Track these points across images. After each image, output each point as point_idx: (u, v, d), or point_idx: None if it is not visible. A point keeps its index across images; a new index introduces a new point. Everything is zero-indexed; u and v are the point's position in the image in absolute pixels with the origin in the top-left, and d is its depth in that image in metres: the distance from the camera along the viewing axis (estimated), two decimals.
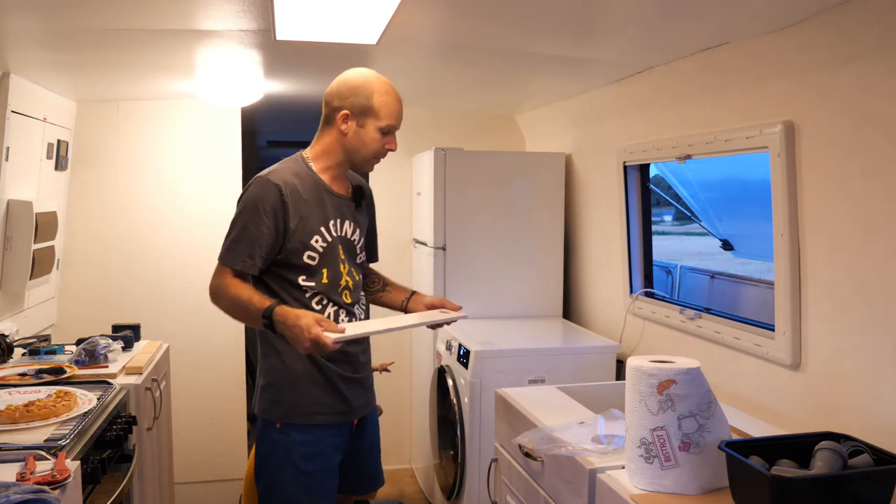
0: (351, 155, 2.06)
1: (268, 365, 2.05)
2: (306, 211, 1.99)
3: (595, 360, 3.01)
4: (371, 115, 2.01)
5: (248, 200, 1.96)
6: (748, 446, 1.50)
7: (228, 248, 1.95)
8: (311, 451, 2.00)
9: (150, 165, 3.75)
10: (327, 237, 2.03)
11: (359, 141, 2.03)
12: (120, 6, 2.00)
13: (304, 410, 2.00)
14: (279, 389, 2.01)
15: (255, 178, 2.00)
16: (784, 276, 2.05)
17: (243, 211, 1.96)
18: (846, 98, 1.83)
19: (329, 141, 2.06)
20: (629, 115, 3.00)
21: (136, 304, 3.69)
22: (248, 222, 1.94)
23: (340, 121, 2.01)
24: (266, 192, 1.95)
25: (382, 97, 2.01)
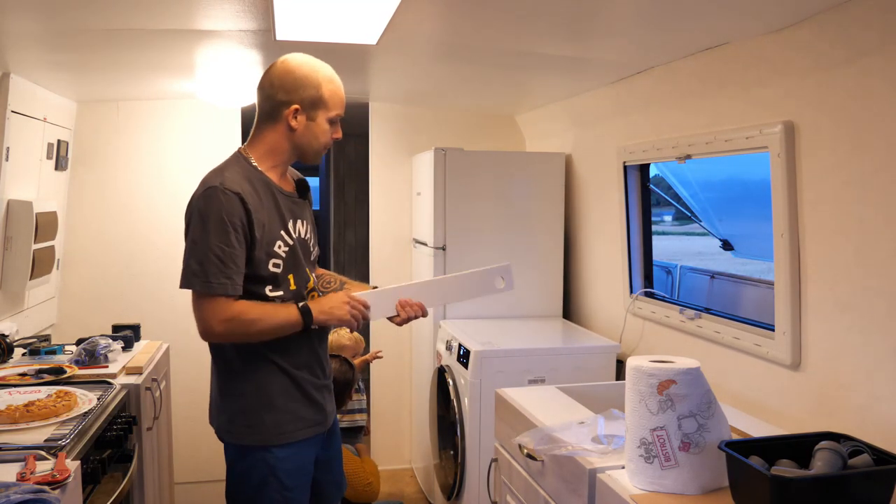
0: (301, 150, 1.91)
1: (236, 388, 1.89)
2: (265, 217, 1.84)
3: (595, 360, 3.01)
4: (321, 107, 1.87)
5: (211, 214, 1.76)
6: (748, 446, 1.50)
7: (203, 274, 1.75)
8: (293, 467, 1.90)
9: (150, 165, 3.75)
10: (288, 241, 1.89)
11: (310, 134, 1.89)
12: (120, 6, 2.00)
13: (285, 429, 1.88)
14: (255, 412, 1.87)
15: (209, 189, 1.79)
16: (784, 276, 2.05)
17: (207, 229, 1.76)
18: (846, 98, 1.83)
19: (275, 138, 1.89)
20: (629, 115, 3.00)
21: (136, 304, 3.69)
22: (217, 240, 1.75)
23: (290, 116, 1.86)
24: (228, 204, 1.76)
25: (330, 86, 1.88)
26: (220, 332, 1.81)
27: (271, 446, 1.87)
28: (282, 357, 1.88)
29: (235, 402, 1.89)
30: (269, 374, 1.88)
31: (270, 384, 1.88)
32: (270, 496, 1.87)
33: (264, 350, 1.86)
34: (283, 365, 1.89)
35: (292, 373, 1.90)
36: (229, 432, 1.91)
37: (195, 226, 1.79)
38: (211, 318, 1.79)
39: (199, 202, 1.80)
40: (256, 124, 1.94)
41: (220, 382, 1.93)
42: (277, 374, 1.88)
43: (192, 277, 1.77)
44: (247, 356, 1.86)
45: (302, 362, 1.92)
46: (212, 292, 1.77)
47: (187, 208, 1.85)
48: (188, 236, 1.81)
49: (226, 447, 1.94)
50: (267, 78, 1.90)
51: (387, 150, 4.12)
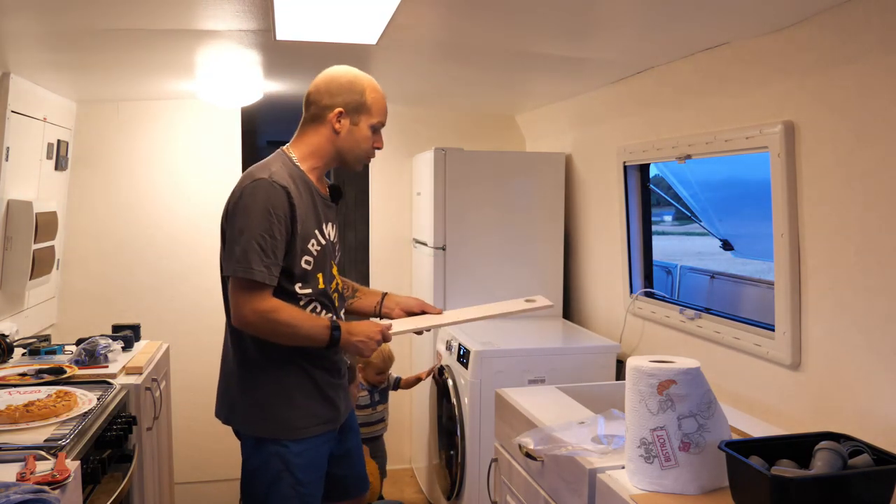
0: (343, 154, 1.99)
1: (254, 380, 1.94)
2: (304, 214, 1.90)
3: (595, 360, 3.01)
4: (365, 112, 1.96)
5: (258, 205, 1.82)
6: (748, 446, 1.50)
7: (245, 260, 1.80)
8: (307, 462, 1.95)
9: (150, 165, 3.75)
10: (321, 240, 1.96)
11: (353, 140, 1.97)
12: (120, 6, 1.99)
13: (299, 424, 1.93)
14: (271, 407, 1.92)
15: (258, 181, 1.85)
16: (784, 276, 2.05)
17: (254, 217, 1.82)
18: (846, 98, 1.83)
19: (319, 140, 1.97)
20: (629, 115, 3.00)
21: (136, 304, 3.70)
22: (262, 229, 1.81)
23: (334, 119, 1.94)
24: (275, 196, 1.83)
25: (374, 94, 1.98)
26: (251, 321, 1.84)
27: (286, 440, 1.92)
28: (301, 355, 1.94)
29: (254, 394, 1.94)
30: (289, 370, 1.93)
31: (289, 380, 1.93)
32: (284, 491, 1.92)
33: (285, 347, 1.91)
34: (302, 363, 1.94)
35: (310, 371, 1.95)
36: (246, 424, 1.97)
37: (241, 215, 1.84)
38: (245, 305, 1.83)
39: (247, 193, 1.86)
40: (300, 127, 2.02)
41: (240, 375, 1.96)
42: (296, 371, 1.94)
43: (235, 264, 1.82)
44: (268, 351, 1.91)
45: (319, 362, 1.97)
46: (251, 278, 1.80)
47: (232, 199, 1.90)
48: (234, 225, 1.85)
49: (242, 440, 2.01)
50: (313, 86, 1.99)
51: (387, 150, 4.07)
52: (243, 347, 1.94)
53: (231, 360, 1.98)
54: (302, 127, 2.01)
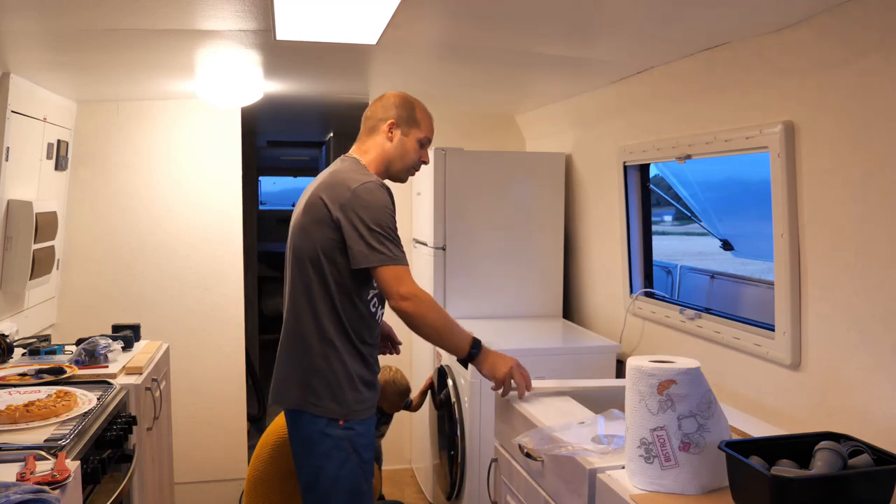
0: (392, 163, 2.19)
1: (330, 366, 2.09)
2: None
3: (595, 360, 3.01)
4: (415, 126, 2.19)
5: (382, 206, 2.04)
6: (748, 446, 1.50)
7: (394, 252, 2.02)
8: (366, 441, 2.14)
9: (150, 165, 3.75)
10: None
11: (402, 150, 2.18)
12: (120, 6, 1.99)
13: (360, 407, 2.11)
14: (340, 389, 2.09)
15: (369, 183, 2.05)
16: (784, 276, 2.05)
17: (383, 216, 2.03)
18: (846, 98, 1.83)
19: (373, 147, 2.19)
20: (629, 115, 3.00)
21: (136, 304, 3.70)
22: (392, 225, 2.05)
23: (387, 129, 2.17)
24: (387, 196, 2.07)
25: (423, 112, 2.23)
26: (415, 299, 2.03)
27: (350, 422, 2.09)
28: (361, 344, 2.13)
29: (327, 378, 2.09)
30: (355, 358, 2.11)
31: (354, 365, 2.11)
32: (353, 471, 2.10)
33: (354, 338, 2.11)
34: (363, 351, 2.13)
35: (368, 359, 2.16)
36: (316, 405, 2.09)
37: (367, 215, 2.02)
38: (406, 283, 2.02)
39: (366, 192, 2.04)
40: (359, 139, 2.23)
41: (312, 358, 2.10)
42: (359, 359, 2.12)
43: (380, 255, 2.02)
44: (341, 337, 2.09)
45: (372, 353, 2.19)
46: (402, 263, 2.04)
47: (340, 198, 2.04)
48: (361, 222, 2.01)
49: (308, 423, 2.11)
50: (372, 105, 2.24)
51: None
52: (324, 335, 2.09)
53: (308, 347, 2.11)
54: (360, 139, 2.23)
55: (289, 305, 2.16)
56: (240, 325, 3.88)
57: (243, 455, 3.90)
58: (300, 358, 2.12)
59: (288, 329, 2.16)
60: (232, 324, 3.86)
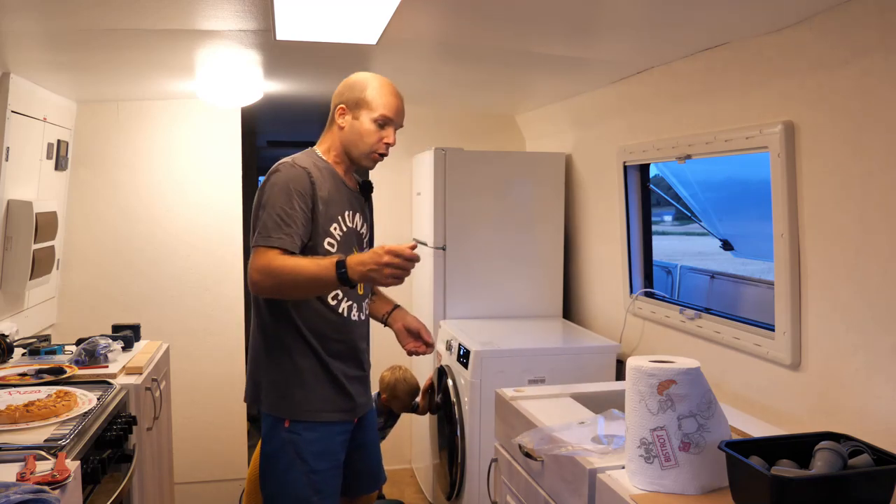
0: (349, 149, 2.08)
1: (273, 362, 2.04)
2: (327, 196, 2.01)
3: (595, 360, 3.01)
4: (364, 107, 2.04)
5: (278, 183, 1.95)
6: (748, 446, 1.50)
7: (265, 230, 1.90)
8: (320, 449, 2.01)
9: (150, 165, 3.75)
10: (343, 227, 2.06)
11: (355, 134, 2.06)
12: (120, 6, 1.99)
13: (312, 407, 2.01)
14: (287, 386, 2.01)
15: (280, 164, 2.00)
16: (784, 276, 2.05)
17: (273, 193, 1.94)
18: (846, 98, 1.83)
19: (331, 137, 2.11)
20: (629, 115, 3.00)
21: (136, 304, 3.70)
22: (281, 203, 1.92)
23: (338, 115, 2.07)
24: (295, 175, 1.96)
25: (377, 89, 2.05)
26: (256, 280, 1.87)
27: (297, 424, 1.99)
28: (318, 341, 2.02)
29: (272, 375, 2.03)
30: (303, 354, 2.01)
31: (302, 363, 2.01)
32: (298, 479, 1.99)
33: (303, 331, 2.00)
34: (318, 350, 2.02)
35: (325, 359, 2.03)
36: (263, 402, 2.04)
37: (266, 195, 1.95)
38: (251, 267, 1.89)
39: (271, 175, 1.98)
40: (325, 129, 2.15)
41: (260, 355, 2.06)
42: (311, 356, 2.02)
43: (257, 237, 1.92)
44: (285, 334, 2.01)
45: (336, 352, 2.05)
46: (262, 243, 1.89)
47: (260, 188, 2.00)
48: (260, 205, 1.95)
49: (263, 418, 2.07)
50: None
51: None
52: (265, 330, 2.04)
53: (256, 344, 2.08)
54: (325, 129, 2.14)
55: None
56: (240, 325, 3.88)
57: (243, 455, 3.90)
58: (254, 355, 2.09)
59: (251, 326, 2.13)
60: (232, 324, 3.86)
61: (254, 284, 1.90)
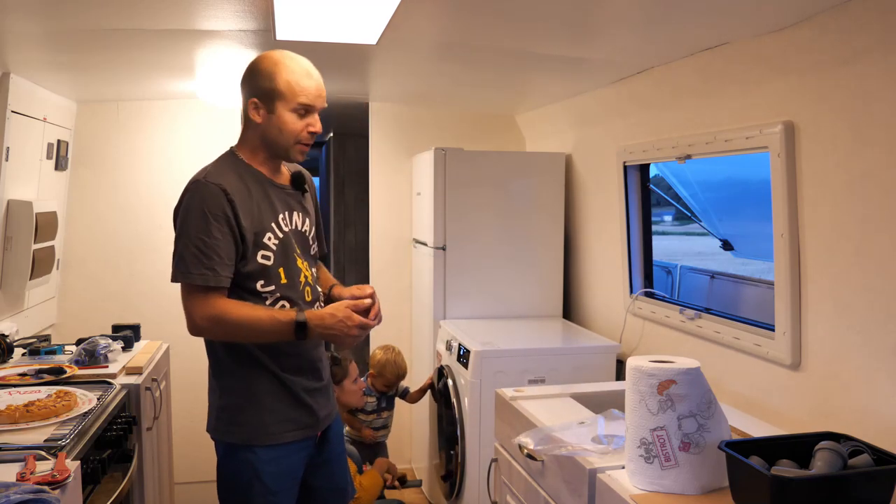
0: (272, 145, 1.87)
1: (224, 384, 1.88)
2: (254, 208, 1.82)
3: (595, 360, 3.01)
4: (278, 98, 1.82)
5: (192, 208, 1.76)
6: (748, 446, 1.50)
7: (182, 264, 1.74)
8: (279, 470, 1.86)
9: (150, 165, 3.75)
10: (279, 233, 1.87)
11: (274, 128, 1.84)
12: (120, 6, 2.00)
13: (270, 430, 1.85)
14: (240, 410, 1.85)
15: (193, 183, 1.79)
16: (784, 276, 2.05)
17: (188, 220, 1.76)
18: (846, 98, 1.83)
19: (250, 134, 1.89)
20: (629, 115, 3.00)
21: (136, 304, 3.69)
22: (197, 232, 1.74)
23: (251, 110, 1.84)
24: (209, 195, 1.76)
25: (288, 76, 1.81)
26: (203, 327, 1.78)
27: (255, 446, 1.84)
28: (272, 360, 1.86)
29: (223, 398, 1.89)
30: (258, 374, 1.86)
31: (258, 384, 1.86)
32: (255, 500, 1.85)
33: (255, 351, 1.85)
34: (273, 368, 1.86)
35: (282, 376, 1.88)
36: (216, 429, 1.90)
37: (180, 220, 1.79)
38: (194, 312, 1.76)
39: (183, 197, 1.81)
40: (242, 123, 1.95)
41: (211, 379, 1.93)
42: (266, 375, 1.86)
43: (175, 270, 1.77)
44: (236, 355, 1.86)
45: (293, 367, 1.90)
46: (192, 282, 1.74)
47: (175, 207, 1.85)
48: (176, 231, 1.81)
49: (216, 445, 1.93)
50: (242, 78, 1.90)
51: (387, 150, 4.12)
52: (214, 352, 1.90)
53: (209, 369, 1.94)
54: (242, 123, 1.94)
55: None
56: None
57: None
58: (209, 380, 1.95)
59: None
60: None
61: (198, 330, 1.77)
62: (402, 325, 4.08)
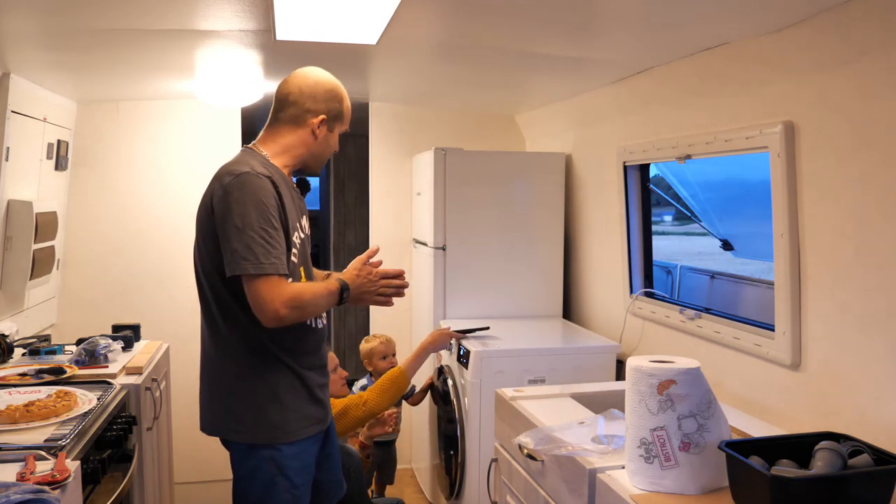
0: (313, 157, 1.99)
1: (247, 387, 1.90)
2: (290, 205, 1.89)
3: (595, 360, 3.01)
4: (340, 122, 2.00)
5: (250, 198, 1.78)
6: (748, 446, 1.50)
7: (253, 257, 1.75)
8: (300, 464, 1.92)
9: (150, 165, 3.75)
10: (301, 234, 1.95)
11: (326, 145, 1.99)
12: (120, 6, 2.00)
13: (292, 428, 1.90)
14: (264, 411, 1.88)
15: (240, 175, 1.80)
16: (784, 276, 2.05)
17: (248, 211, 1.77)
18: (846, 98, 1.83)
19: (294, 141, 1.95)
20: (629, 115, 3.00)
21: (136, 304, 3.69)
22: (262, 223, 1.78)
23: (316, 125, 1.94)
24: (264, 187, 1.80)
25: (348, 103, 2.01)
26: (284, 314, 1.78)
27: (280, 444, 1.88)
28: (293, 358, 1.92)
29: (245, 400, 1.90)
30: (279, 373, 1.90)
31: (280, 383, 1.90)
32: (280, 496, 1.88)
33: (275, 350, 1.89)
34: (293, 365, 1.92)
35: (301, 373, 1.93)
36: (237, 432, 1.91)
37: (234, 212, 1.78)
38: (274, 300, 1.76)
39: (234, 188, 1.80)
40: (272, 126, 1.97)
41: (229, 383, 1.92)
42: (287, 373, 1.91)
43: (244, 262, 1.76)
44: (259, 356, 1.89)
45: (310, 364, 1.96)
46: (266, 273, 1.76)
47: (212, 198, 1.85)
48: (227, 223, 1.80)
49: (232, 448, 1.95)
50: (294, 84, 1.95)
51: (387, 150, 4.12)
52: (233, 356, 1.91)
53: (218, 370, 1.95)
54: (275, 126, 1.96)
55: (201, 327, 2.02)
56: None
57: None
58: (216, 382, 1.95)
59: (202, 352, 2.00)
60: None
61: (279, 318, 1.78)
62: (402, 324, 4.08)
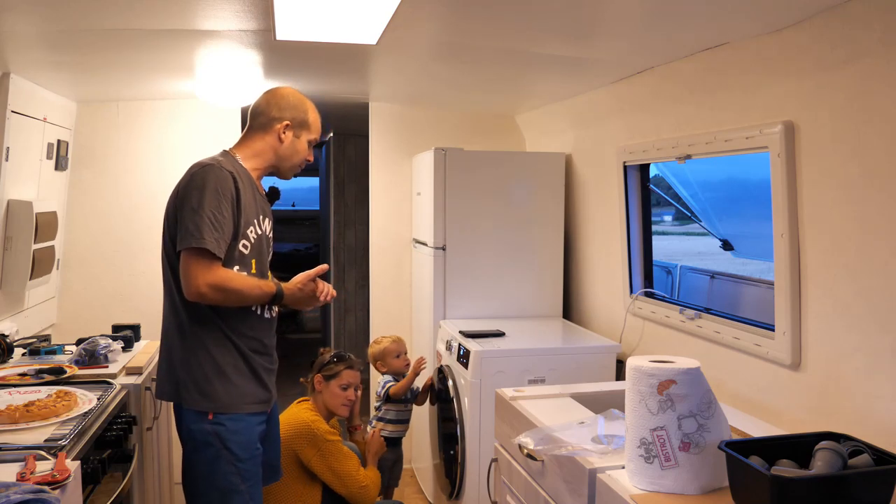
0: (281, 161, 2.21)
1: (195, 359, 2.06)
2: (246, 200, 2.08)
3: (595, 360, 3.01)
4: (306, 129, 2.22)
5: (207, 185, 1.99)
6: (748, 446, 1.50)
7: (197, 231, 1.95)
8: (244, 439, 2.07)
9: (150, 165, 3.75)
10: (258, 230, 2.14)
11: (292, 150, 2.21)
12: (120, 6, 2.00)
13: (235, 401, 2.07)
14: (208, 382, 2.05)
15: (206, 166, 2.03)
16: (784, 276, 2.05)
17: (203, 196, 1.98)
18: (846, 98, 1.83)
19: (263, 146, 2.19)
20: (629, 115, 3.00)
21: (136, 304, 3.69)
22: (212, 207, 1.98)
23: (281, 130, 2.17)
24: (223, 179, 2.02)
25: (314, 114, 2.25)
26: (204, 293, 1.98)
27: (221, 416, 2.04)
28: (237, 336, 2.09)
29: (194, 371, 2.06)
30: (225, 349, 2.08)
31: (223, 357, 2.07)
32: (224, 468, 2.04)
33: (224, 328, 2.07)
34: (237, 342, 2.09)
35: (244, 351, 2.11)
36: (185, 399, 2.07)
37: (193, 196, 2.00)
38: (198, 277, 1.97)
39: (197, 176, 2.02)
40: (245, 134, 2.22)
41: (176, 351, 2.10)
42: (231, 349, 2.08)
43: (188, 236, 1.97)
44: (204, 328, 2.06)
45: (254, 347, 2.13)
46: (204, 246, 1.95)
47: (180, 185, 2.06)
48: (185, 206, 2.00)
49: (178, 416, 2.11)
50: (263, 98, 2.22)
51: (387, 150, 4.12)
52: (181, 326, 2.08)
53: (174, 342, 2.11)
54: (247, 134, 2.21)
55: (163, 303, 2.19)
56: None
57: None
58: (170, 352, 2.12)
59: (163, 326, 2.17)
60: None
61: (198, 295, 1.97)
62: (402, 325, 4.08)
